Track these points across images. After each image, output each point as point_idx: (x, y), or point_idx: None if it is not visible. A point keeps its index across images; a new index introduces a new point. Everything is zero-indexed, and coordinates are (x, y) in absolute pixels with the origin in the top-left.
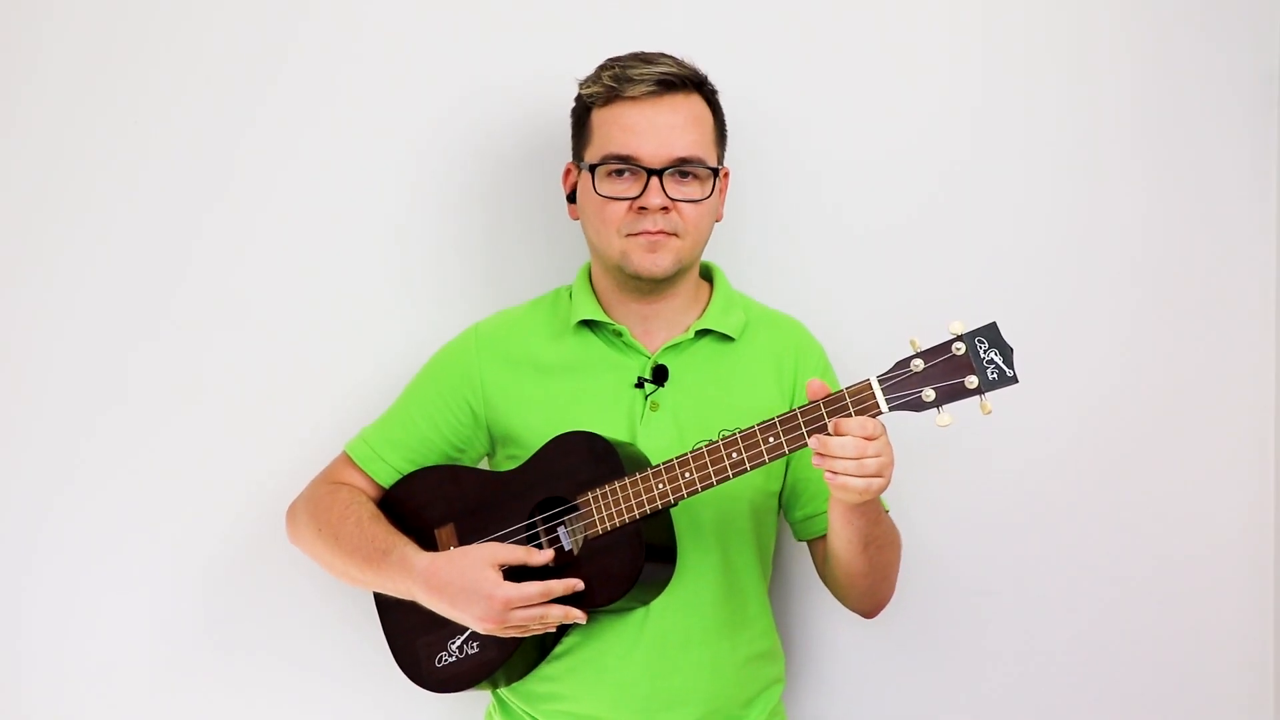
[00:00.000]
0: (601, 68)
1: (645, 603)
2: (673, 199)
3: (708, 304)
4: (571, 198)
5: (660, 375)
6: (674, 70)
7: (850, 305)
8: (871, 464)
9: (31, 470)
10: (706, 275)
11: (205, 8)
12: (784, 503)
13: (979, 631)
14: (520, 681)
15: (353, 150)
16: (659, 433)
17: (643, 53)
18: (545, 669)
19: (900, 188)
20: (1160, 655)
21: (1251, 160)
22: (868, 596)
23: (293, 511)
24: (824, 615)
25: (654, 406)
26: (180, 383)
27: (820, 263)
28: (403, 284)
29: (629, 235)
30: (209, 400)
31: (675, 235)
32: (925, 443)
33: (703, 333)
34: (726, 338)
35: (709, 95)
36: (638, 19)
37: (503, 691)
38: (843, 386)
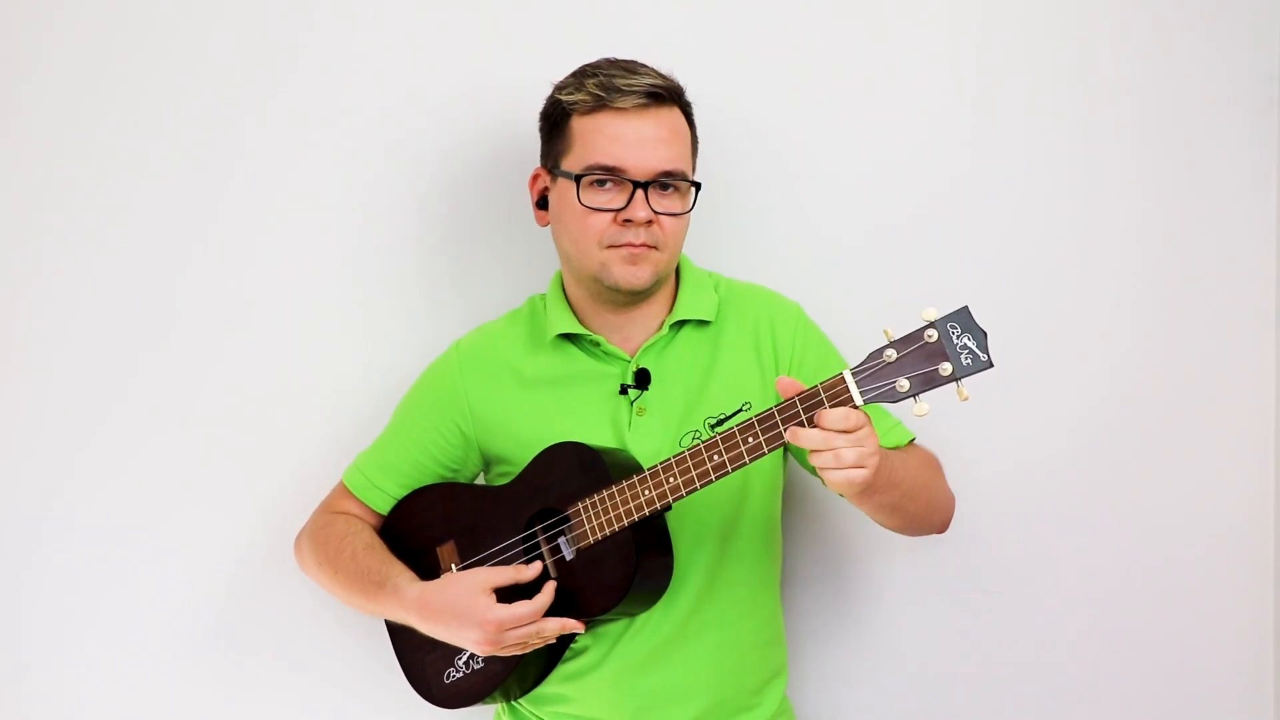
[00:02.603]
0: (583, 75)
1: (644, 609)
2: (656, 212)
3: (676, 294)
4: (541, 204)
5: (643, 379)
6: (659, 83)
7: (851, 306)
8: (849, 454)
9: (37, 474)
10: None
11: (194, 24)
12: (797, 458)
13: (980, 630)
14: None
15: (334, 164)
16: (648, 436)
17: (620, 61)
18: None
19: (899, 188)
20: (1160, 655)
21: (1251, 160)
22: (922, 529)
23: (298, 543)
24: (827, 611)
25: (640, 411)
26: (179, 392)
27: (819, 263)
28: (398, 291)
29: (610, 247)
30: (208, 409)
31: (655, 248)
32: (924, 441)
33: (678, 324)
34: (703, 322)
35: (685, 108)
36: (622, 24)
37: None
38: (818, 382)
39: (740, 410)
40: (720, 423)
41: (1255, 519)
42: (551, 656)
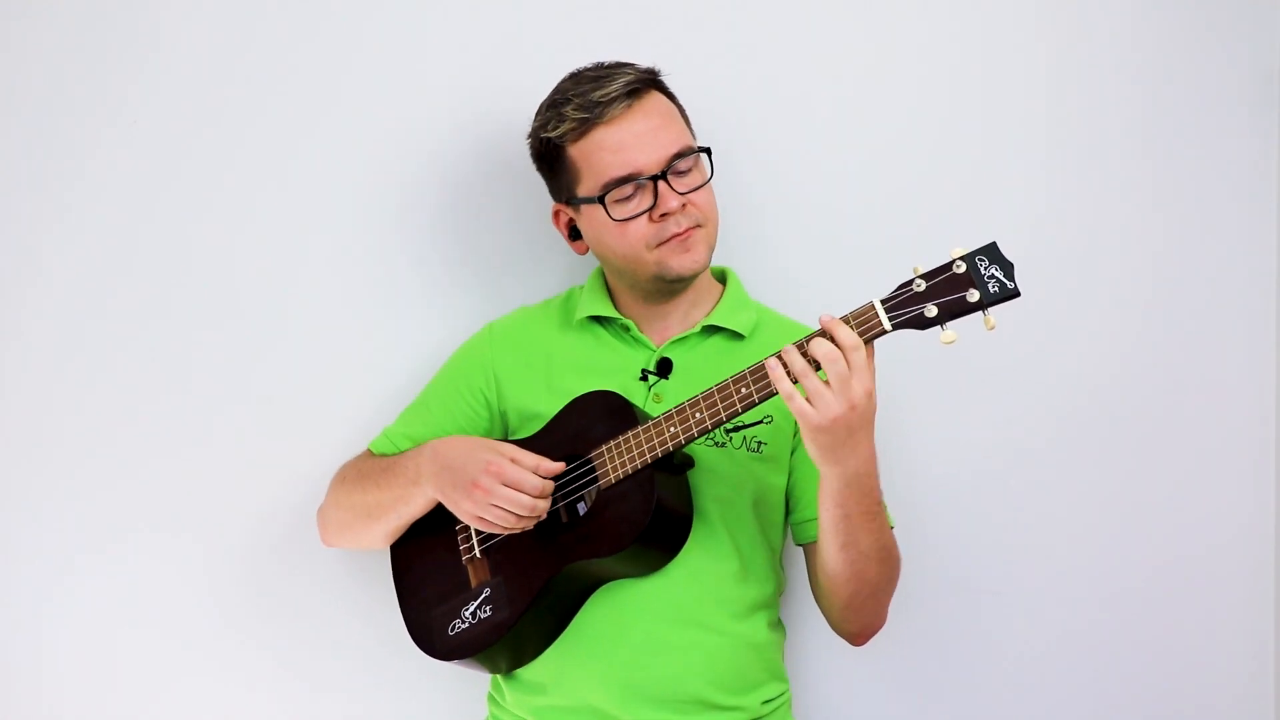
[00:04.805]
0: (557, 105)
1: (651, 568)
2: (684, 194)
3: (719, 301)
4: (573, 235)
5: (664, 368)
6: (630, 78)
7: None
8: (832, 375)
9: (50, 468)
10: (721, 279)
11: (202, 12)
12: (788, 505)
13: (981, 631)
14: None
15: (364, 155)
16: None
17: (584, 73)
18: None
19: (897, 186)
20: (1161, 655)
21: (1251, 160)
22: (849, 613)
23: (319, 513)
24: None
25: (657, 399)
26: (196, 383)
27: (817, 257)
28: (421, 290)
29: (659, 245)
30: (224, 404)
31: (700, 227)
32: (927, 443)
33: (711, 330)
34: (736, 335)
35: (662, 86)
36: (636, 14)
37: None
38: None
39: (761, 422)
40: (738, 429)
41: (1256, 518)
42: (560, 621)
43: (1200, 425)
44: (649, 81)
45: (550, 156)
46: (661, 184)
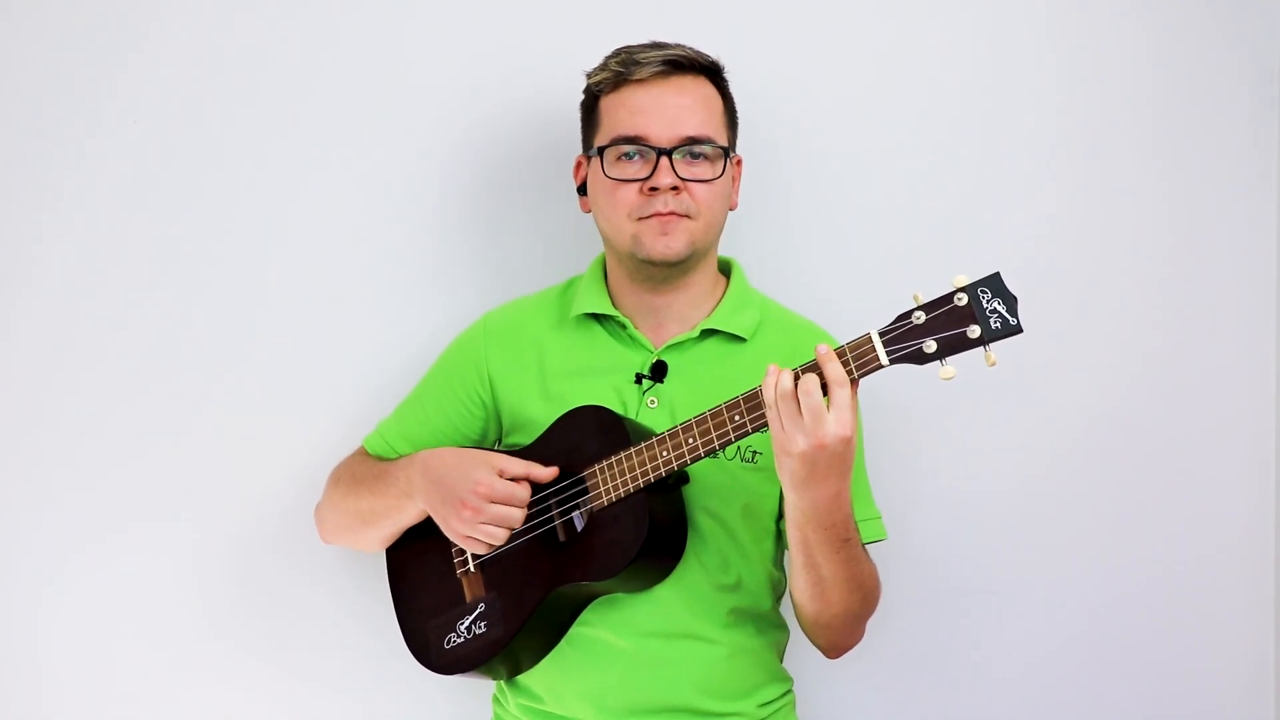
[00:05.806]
0: (609, 56)
1: (647, 585)
2: (683, 179)
3: (720, 301)
4: (582, 190)
5: (659, 372)
6: (682, 54)
7: (848, 306)
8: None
9: (45, 464)
10: (725, 272)
11: (194, 6)
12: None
13: (983, 631)
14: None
15: (361, 142)
16: (654, 429)
17: (654, 41)
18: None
19: (899, 186)
20: (1160, 655)
21: (1252, 160)
22: (816, 628)
23: (316, 510)
24: None
25: (651, 403)
26: (192, 377)
27: (824, 261)
28: (415, 279)
29: (640, 219)
30: (220, 396)
31: (687, 216)
32: (926, 442)
33: (709, 332)
34: (737, 338)
35: (718, 80)
36: (651, 4)
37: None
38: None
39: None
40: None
41: (1256, 518)
42: (559, 630)
43: (1200, 428)
44: (700, 67)
45: (588, 103)
46: (664, 159)
